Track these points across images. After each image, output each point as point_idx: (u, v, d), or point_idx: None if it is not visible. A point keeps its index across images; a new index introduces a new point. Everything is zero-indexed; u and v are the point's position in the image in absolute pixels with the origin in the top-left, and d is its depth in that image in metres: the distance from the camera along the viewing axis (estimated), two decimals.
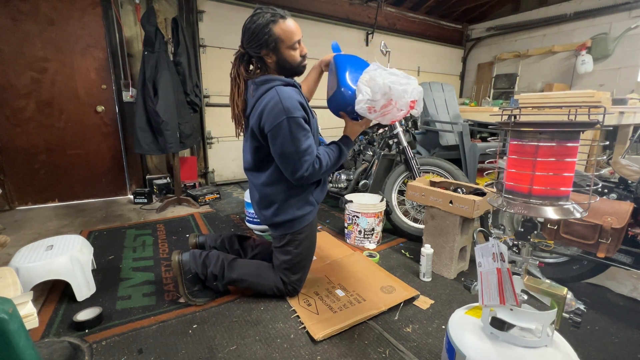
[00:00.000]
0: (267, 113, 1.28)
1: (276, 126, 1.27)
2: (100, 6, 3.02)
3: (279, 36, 1.28)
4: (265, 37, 1.27)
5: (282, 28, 1.28)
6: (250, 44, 1.31)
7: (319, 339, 1.30)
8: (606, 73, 4.27)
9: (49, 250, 1.60)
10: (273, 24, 1.26)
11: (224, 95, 3.80)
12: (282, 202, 1.47)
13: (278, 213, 1.47)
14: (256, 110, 1.34)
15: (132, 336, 1.34)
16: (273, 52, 1.32)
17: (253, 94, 1.37)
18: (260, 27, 1.26)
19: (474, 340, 0.90)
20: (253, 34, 1.28)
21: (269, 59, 1.34)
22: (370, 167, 2.67)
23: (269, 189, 1.47)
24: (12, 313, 0.81)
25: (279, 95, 1.27)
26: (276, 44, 1.29)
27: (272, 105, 1.27)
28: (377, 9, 4.60)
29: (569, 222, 1.41)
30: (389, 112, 1.28)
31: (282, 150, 1.30)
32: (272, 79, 1.34)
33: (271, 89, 1.30)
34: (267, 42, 1.28)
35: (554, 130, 0.81)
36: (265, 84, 1.33)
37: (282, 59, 1.33)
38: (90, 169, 3.23)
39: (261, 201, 1.51)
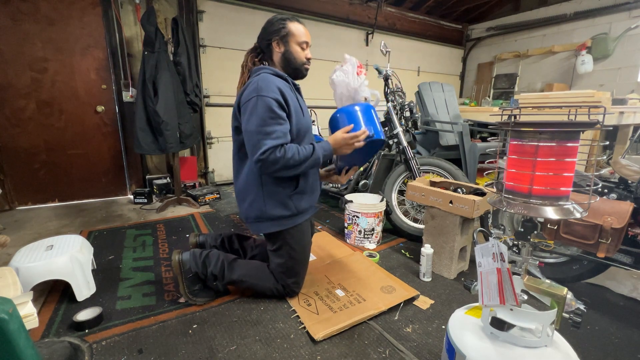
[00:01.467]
0: (245, 92, 1.35)
1: (246, 102, 1.33)
2: (100, 6, 3.02)
3: (291, 30, 1.42)
4: (279, 26, 1.42)
5: (296, 26, 1.44)
6: (265, 33, 1.45)
7: (319, 339, 1.30)
8: (606, 73, 4.27)
9: (49, 250, 1.60)
10: (289, 20, 1.44)
11: (224, 95, 3.81)
12: (255, 195, 1.45)
13: (250, 208, 1.46)
14: (241, 91, 1.41)
15: (132, 336, 1.34)
16: (282, 41, 1.43)
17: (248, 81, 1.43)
18: (277, 19, 1.44)
19: (474, 340, 0.90)
20: (269, 24, 1.44)
21: (277, 49, 1.45)
22: (370, 167, 2.67)
23: (245, 179, 1.46)
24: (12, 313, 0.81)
25: (259, 78, 1.35)
26: (287, 36, 1.42)
27: (251, 85, 1.34)
28: (377, 9, 4.60)
29: (569, 222, 1.41)
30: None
31: (245, 126, 1.32)
32: (264, 68, 1.43)
33: (259, 75, 1.38)
34: (280, 31, 1.42)
35: (554, 130, 0.81)
36: (257, 71, 1.42)
37: (288, 51, 1.44)
38: (90, 169, 3.23)
39: (239, 193, 1.52)
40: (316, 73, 4.44)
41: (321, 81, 4.49)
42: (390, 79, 2.53)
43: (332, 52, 4.50)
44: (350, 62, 1.50)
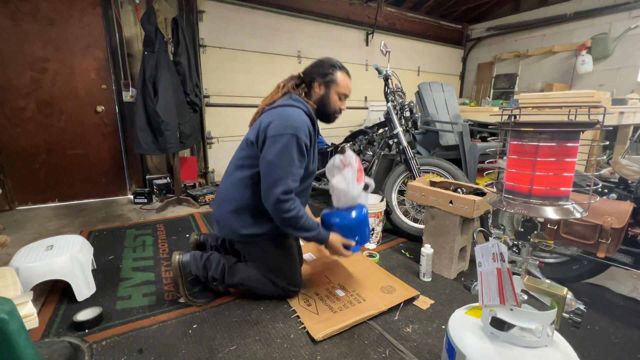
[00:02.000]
0: (278, 122, 1.35)
1: (280, 135, 1.32)
2: (100, 6, 3.02)
3: (337, 79, 1.49)
4: (328, 70, 1.48)
5: (342, 77, 1.50)
6: (313, 70, 1.50)
7: (319, 339, 1.30)
8: (606, 73, 4.26)
9: (49, 250, 1.60)
10: (340, 69, 1.50)
11: (224, 95, 3.81)
12: (234, 207, 1.45)
13: (226, 216, 1.47)
14: (272, 111, 1.42)
15: (132, 336, 1.34)
16: (325, 85, 1.49)
17: (281, 101, 1.46)
18: (330, 63, 1.50)
19: (474, 340, 0.90)
20: (320, 64, 1.50)
21: (317, 89, 1.50)
22: (370, 167, 2.67)
23: (231, 187, 1.46)
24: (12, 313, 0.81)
25: (295, 114, 1.38)
26: (331, 82, 1.49)
27: (286, 118, 1.36)
28: (377, 9, 4.60)
29: (569, 222, 1.41)
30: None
31: (272, 158, 1.33)
32: (302, 102, 1.46)
33: (296, 108, 1.41)
34: (326, 75, 1.48)
35: (554, 130, 0.81)
36: (294, 101, 1.45)
37: (326, 96, 1.50)
38: (90, 169, 3.23)
39: (220, 195, 1.51)
40: None
41: None
42: (390, 79, 2.53)
43: (332, 52, 4.50)
44: (352, 167, 1.50)
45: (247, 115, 4.14)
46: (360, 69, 4.81)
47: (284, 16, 4.03)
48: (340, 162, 1.51)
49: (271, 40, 3.99)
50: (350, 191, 1.45)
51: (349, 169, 1.47)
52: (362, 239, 1.57)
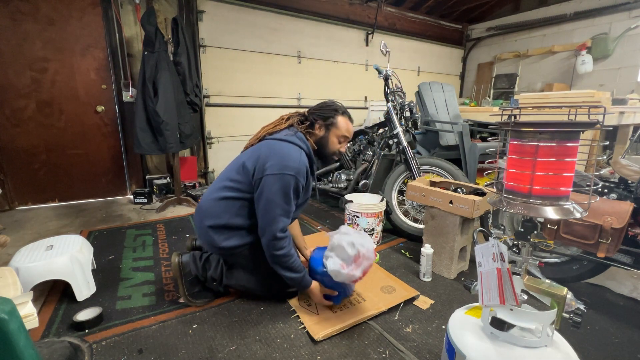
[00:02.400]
0: (280, 158, 1.38)
1: (281, 175, 1.35)
2: (100, 6, 3.02)
3: (338, 122, 1.53)
4: (329, 114, 1.53)
5: (343, 121, 1.54)
6: (316, 112, 1.55)
7: (319, 339, 1.30)
8: (606, 73, 4.27)
9: (49, 250, 1.60)
10: (342, 113, 1.55)
11: (224, 95, 3.81)
12: (218, 224, 1.45)
13: (208, 230, 1.46)
14: (275, 144, 1.44)
15: (132, 336, 1.34)
16: (325, 128, 1.54)
17: (285, 135, 1.49)
18: (332, 108, 1.55)
19: (474, 340, 0.90)
20: (324, 107, 1.56)
21: (318, 131, 1.54)
22: (370, 167, 2.67)
23: (218, 207, 1.45)
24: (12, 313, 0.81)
25: (300, 155, 1.42)
26: (330, 125, 1.53)
27: (288, 156, 1.39)
28: (377, 9, 4.60)
29: (569, 222, 1.41)
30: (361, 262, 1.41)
31: (273, 197, 1.35)
32: (305, 142, 1.49)
33: (298, 146, 1.45)
34: (327, 118, 1.53)
35: (554, 130, 0.81)
36: (297, 139, 1.47)
37: (326, 138, 1.54)
38: (90, 169, 3.23)
39: (203, 210, 1.49)
40: (316, 72, 4.45)
41: (321, 81, 4.50)
42: (390, 79, 2.53)
43: (332, 52, 4.50)
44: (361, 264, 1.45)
45: (247, 115, 4.16)
46: (360, 69, 4.81)
47: (284, 16, 4.03)
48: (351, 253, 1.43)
49: (271, 40, 4.00)
50: (346, 279, 1.42)
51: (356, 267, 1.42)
52: (345, 291, 1.56)
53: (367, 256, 1.40)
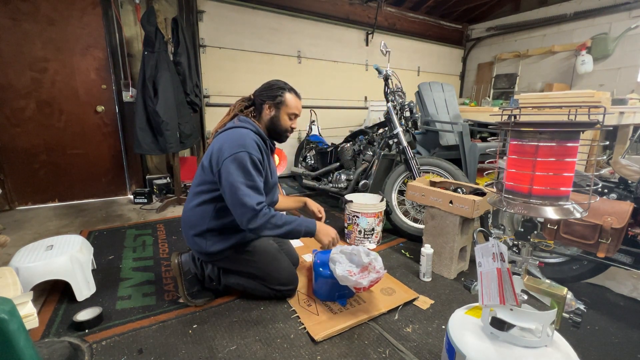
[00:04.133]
0: (227, 141, 1.39)
1: (233, 155, 1.35)
2: (100, 6, 3.02)
3: (286, 100, 1.51)
4: (276, 93, 1.51)
5: (291, 98, 1.53)
6: (262, 93, 1.53)
7: (319, 339, 1.30)
8: (606, 73, 4.26)
9: (49, 250, 1.60)
10: (288, 91, 1.53)
11: (224, 95, 3.81)
12: (200, 231, 1.46)
13: (193, 238, 1.47)
14: (222, 134, 1.45)
15: (132, 336, 1.34)
16: (274, 107, 1.52)
17: (229, 124, 1.51)
18: (277, 86, 1.52)
19: (474, 340, 0.90)
20: (269, 87, 1.53)
21: (267, 111, 1.52)
22: (370, 167, 2.67)
23: (194, 212, 1.47)
24: (12, 313, 0.81)
25: (244, 133, 1.43)
26: (280, 104, 1.51)
27: (236, 138, 1.40)
28: (377, 9, 4.60)
29: (569, 222, 1.41)
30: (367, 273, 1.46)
31: (230, 178, 1.34)
32: (249, 122, 1.50)
33: (242, 128, 1.46)
34: (275, 97, 1.50)
35: (554, 130, 0.81)
36: (242, 122, 1.49)
37: (276, 117, 1.53)
38: (90, 169, 3.23)
39: (185, 222, 1.51)
40: (316, 72, 4.45)
41: (321, 81, 4.50)
42: (390, 79, 2.53)
43: (332, 52, 4.50)
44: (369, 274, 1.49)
45: None
46: (360, 69, 4.81)
47: (284, 16, 4.03)
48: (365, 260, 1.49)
49: (271, 40, 4.00)
50: (352, 285, 1.44)
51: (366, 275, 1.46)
52: (350, 292, 1.57)
53: (377, 269, 1.46)
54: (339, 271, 1.43)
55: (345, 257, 1.53)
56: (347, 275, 1.42)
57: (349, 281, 1.41)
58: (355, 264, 1.51)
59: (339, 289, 1.53)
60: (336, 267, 1.46)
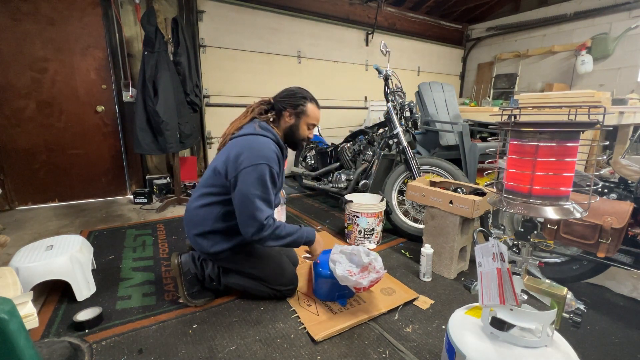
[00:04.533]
0: (248, 150, 1.37)
1: (254, 166, 1.34)
2: (100, 6, 3.02)
3: (307, 110, 1.52)
4: (298, 102, 1.51)
5: (312, 108, 1.54)
6: (283, 99, 1.52)
7: (319, 339, 1.30)
8: (606, 73, 4.26)
9: (49, 250, 1.60)
10: (310, 101, 1.54)
11: (224, 95, 3.81)
12: (205, 231, 1.45)
13: (197, 238, 1.47)
14: (241, 140, 1.43)
15: (132, 336, 1.34)
16: (295, 116, 1.52)
17: (248, 128, 1.48)
18: (300, 95, 1.53)
19: (474, 340, 0.90)
20: (291, 94, 1.53)
21: (287, 119, 1.52)
22: (370, 167, 2.67)
23: (199, 213, 1.46)
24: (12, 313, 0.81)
25: (265, 143, 1.41)
26: (301, 113, 1.52)
27: (256, 148, 1.38)
28: (377, 9, 4.60)
29: (569, 222, 1.41)
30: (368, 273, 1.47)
31: (249, 190, 1.33)
32: (271, 131, 1.49)
33: (264, 136, 1.44)
34: (297, 106, 1.51)
35: (554, 130, 0.81)
36: (263, 129, 1.47)
37: (296, 126, 1.53)
38: (90, 169, 3.23)
39: (190, 220, 1.50)
40: (316, 72, 4.45)
41: (321, 81, 4.50)
42: (390, 79, 2.53)
43: (332, 52, 4.50)
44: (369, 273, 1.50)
45: None
46: (360, 69, 4.81)
47: (284, 16, 4.03)
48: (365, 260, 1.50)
49: (271, 40, 4.00)
50: (352, 285, 1.45)
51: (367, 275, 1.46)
52: (350, 292, 1.58)
53: (377, 269, 1.47)
54: (339, 271, 1.43)
55: (345, 257, 1.54)
56: (347, 275, 1.42)
57: (349, 281, 1.41)
58: (355, 264, 1.51)
59: (339, 289, 1.54)
60: (336, 267, 1.46)
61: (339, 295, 1.56)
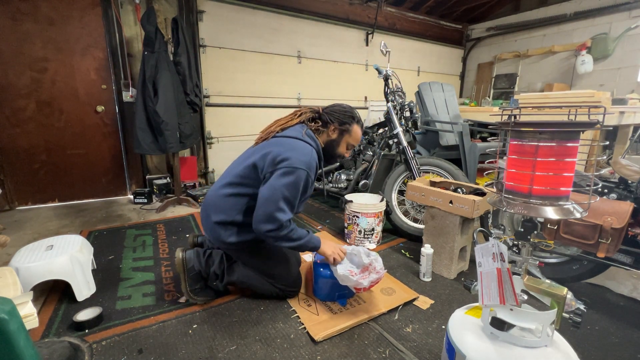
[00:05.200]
0: (293, 152, 1.37)
1: (294, 169, 1.34)
2: (100, 6, 3.02)
3: (351, 130, 1.57)
4: (345, 121, 1.55)
5: (357, 130, 1.58)
6: (333, 113, 1.56)
7: (319, 339, 1.30)
8: (606, 73, 4.26)
9: (49, 250, 1.60)
10: (357, 122, 1.58)
11: (224, 95, 3.81)
12: (224, 219, 1.44)
13: (214, 225, 1.46)
14: (285, 141, 1.44)
15: (132, 336, 1.34)
16: (338, 132, 1.56)
17: (294, 132, 1.49)
18: (350, 114, 1.56)
19: (474, 340, 0.90)
20: (342, 110, 1.57)
21: (330, 133, 1.56)
22: (370, 167, 2.67)
23: (225, 202, 1.45)
24: (12, 313, 0.81)
25: (312, 151, 1.43)
26: (344, 131, 1.56)
27: (301, 151, 1.39)
28: (377, 9, 4.60)
29: (569, 222, 1.41)
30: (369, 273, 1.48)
31: (280, 188, 1.33)
32: (315, 141, 1.52)
33: (308, 144, 1.46)
34: (342, 123, 1.55)
35: (554, 130, 0.81)
36: (307, 136, 1.49)
37: (336, 142, 1.57)
38: (90, 169, 3.23)
39: (212, 205, 1.48)
40: (316, 72, 4.45)
41: (321, 81, 4.50)
42: (390, 79, 2.53)
43: (332, 52, 4.50)
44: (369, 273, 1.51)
45: (247, 115, 4.16)
46: (360, 69, 4.81)
47: (284, 16, 4.03)
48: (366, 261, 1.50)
49: (271, 40, 3.99)
50: (353, 285, 1.45)
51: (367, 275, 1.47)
52: (350, 293, 1.58)
53: (377, 270, 1.47)
54: (340, 271, 1.43)
55: (345, 257, 1.54)
56: (349, 275, 1.42)
57: (349, 281, 1.41)
58: (355, 265, 1.51)
59: (339, 289, 1.54)
60: (337, 267, 1.46)
61: (339, 296, 1.56)
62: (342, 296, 1.56)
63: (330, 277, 1.50)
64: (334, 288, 1.53)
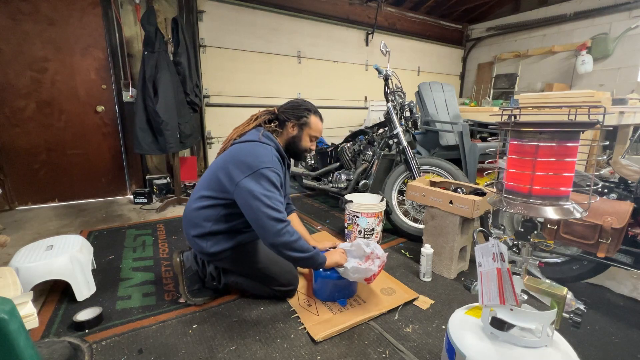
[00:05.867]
0: (251, 156, 1.38)
1: (256, 171, 1.34)
2: (100, 6, 3.02)
3: (310, 122, 1.55)
4: (302, 114, 1.54)
5: (315, 121, 1.57)
6: (287, 111, 1.55)
7: (319, 339, 1.30)
8: (606, 73, 4.26)
9: (49, 250, 1.60)
10: (314, 113, 1.57)
11: (224, 95, 3.81)
12: (204, 232, 1.44)
13: (195, 238, 1.45)
14: (244, 146, 1.44)
15: (132, 336, 1.34)
16: (298, 127, 1.55)
17: (251, 135, 1.50)
18: (304, 107, 1.56)
19: (474, 340, 0.90)
20: (295, 106, 1.56)
21: (290, 130, 1.55)
22: (370, 167, 2.67)
23: (199, 214, 1.44)
24: (12, 313, 0.81)
25: (269, 150, 1.43)
26: (303, 125, 1.55)
27: (259, 152, 1.39)
28: (377, 9, 4.60)
29: (569, 222, 1.41)
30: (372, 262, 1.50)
31: (257, 194, 1.31)
32: (273, 140, 1.51)
33: (265, 144, 1.45)
34: (299, 117, 1.54)
35: (554, 130, 0.81)
36: (266, 138, 1.49)
37: (298, 137, 1.56)
38: (90, 169, 3.23)
39: (190, 220, 1.48)
40: (316, 72, 4.45)
41: (321, 81, 4.50)
42: (390, 79, 2.53)
43: (332, 52, 4.50)
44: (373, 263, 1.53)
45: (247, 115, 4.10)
46: (360, 69, 4.81)
47: (284, 16, 4.03)
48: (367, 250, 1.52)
49: (271, 40, 4.00)
50: (364, 274, 1.46)
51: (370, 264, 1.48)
52: (349, 293, 1.59)
53: (378, 255, 1.49)
54: (349, 265, 1.45)
55: (348, 254, 1.54)
56: (358, 266, 1.44)
57: (360, 272, 1.43)
58: (358, 258, 1.52)
59: (339, 289, 1.54)
60: (344, 266, 1.47)
61: (339, 296, 1.56)
62: (342, 296, 1.56)
63: (329, 277, 1.50)
64: (334, 288, 1.54)
